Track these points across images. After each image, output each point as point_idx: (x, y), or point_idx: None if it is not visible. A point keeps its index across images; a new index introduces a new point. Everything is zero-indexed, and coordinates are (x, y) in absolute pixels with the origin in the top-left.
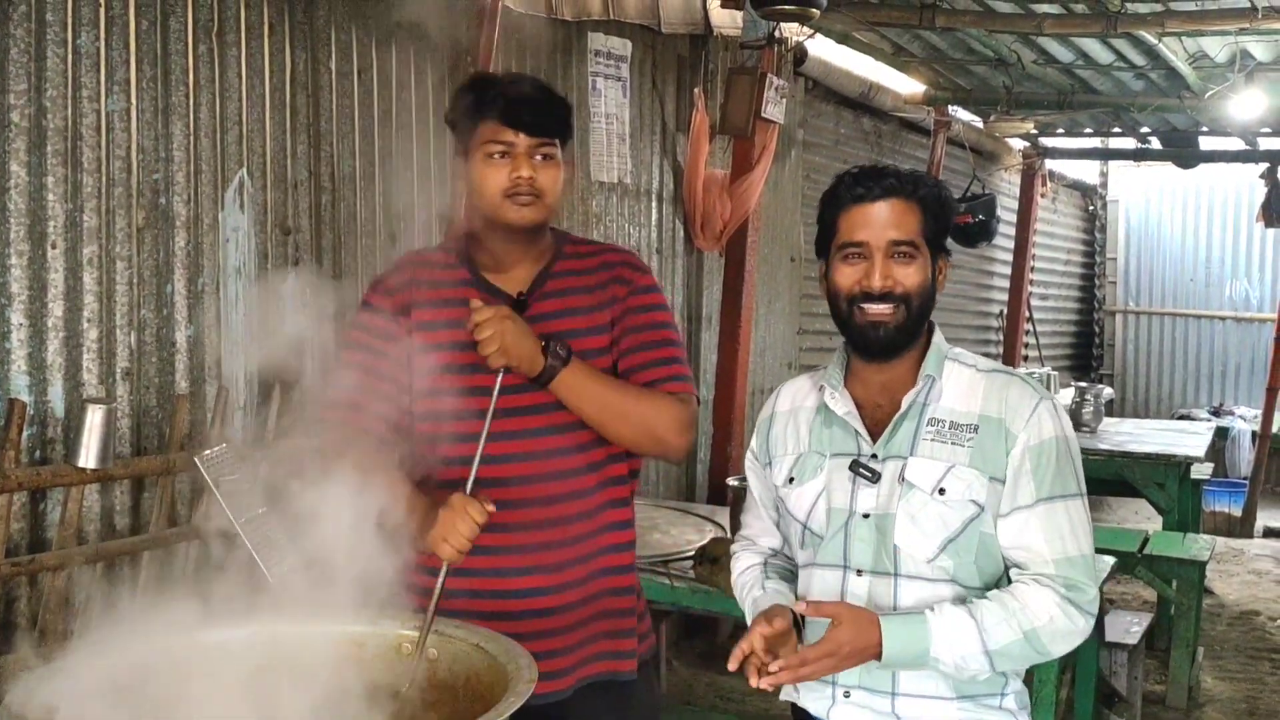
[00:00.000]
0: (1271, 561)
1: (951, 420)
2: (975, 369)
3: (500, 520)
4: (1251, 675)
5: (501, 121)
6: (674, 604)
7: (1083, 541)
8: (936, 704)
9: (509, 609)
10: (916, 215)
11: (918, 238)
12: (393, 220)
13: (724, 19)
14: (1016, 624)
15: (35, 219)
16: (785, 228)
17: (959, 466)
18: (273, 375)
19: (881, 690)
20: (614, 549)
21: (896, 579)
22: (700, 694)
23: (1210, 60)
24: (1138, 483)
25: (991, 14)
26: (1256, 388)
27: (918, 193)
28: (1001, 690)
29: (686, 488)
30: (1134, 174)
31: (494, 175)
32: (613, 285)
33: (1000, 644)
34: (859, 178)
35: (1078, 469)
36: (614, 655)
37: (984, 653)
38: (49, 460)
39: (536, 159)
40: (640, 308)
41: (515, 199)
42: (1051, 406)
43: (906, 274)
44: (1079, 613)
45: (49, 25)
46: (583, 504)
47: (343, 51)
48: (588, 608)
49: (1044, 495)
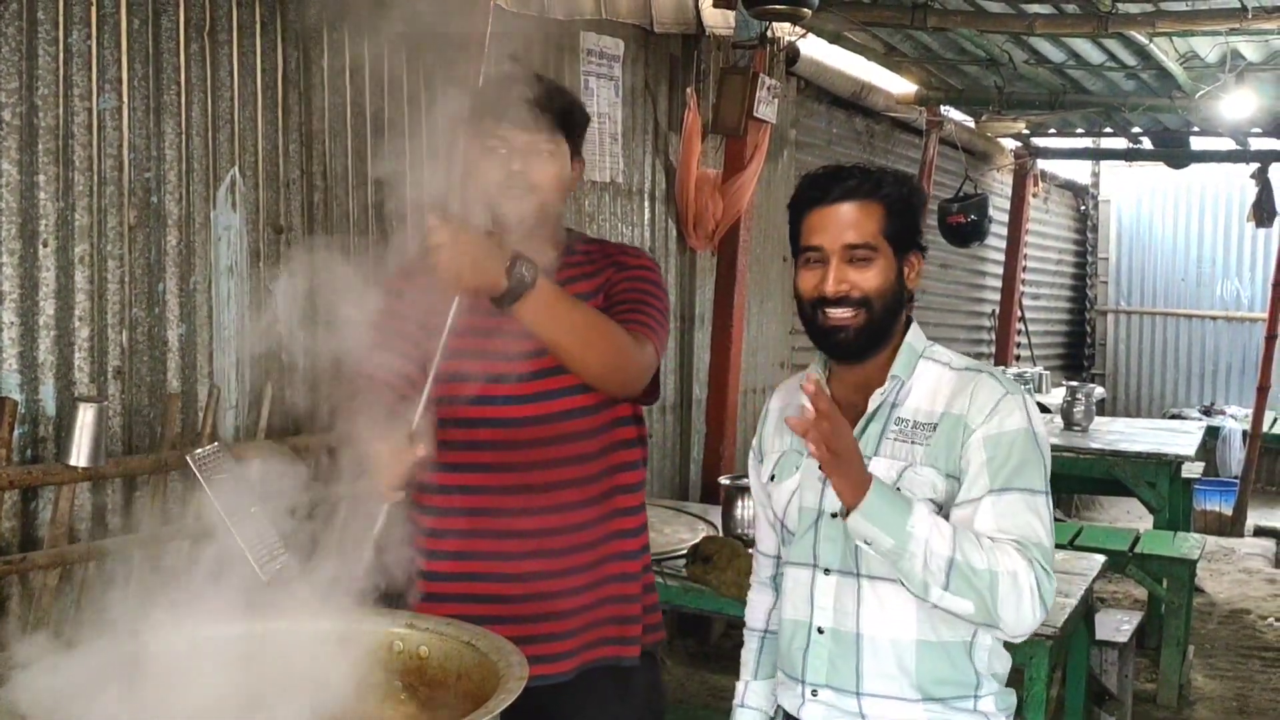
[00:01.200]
0: (1262, 560)
1: (915, 420)
2: (948, 367)
3: (504, 505)
4: (1242, 673)
5: (495, 118)
6: (667, 603)
7: (1043, 533)
8: (901, 705)
9: (510, 592)
10: (877, 216)
11: (876, 239)
12: (385, 219)
13: (716, 19)
14: (986, 558)
15: (27, 217)
16: (777, 227)
17: (915, 465)
18: (264, 374)
19: (847, 690)
20: (621, 534)
21: (860, 579)
22: (693, 692)
23: (1201, 60)
24: (1129, 482)
25: (983, 14)
26: (1247, 387)
27: (878, 192)
28: (974, 692)
29: (679, 486)
30: (1125, 174)
31: (489, 171)
32: (607, 270)
33: (966, 562)
34: (816, 180)
35: (1043, 468)
36: (618, 641)
37: (949, 559)
38: (40, 459)
39: (542, 152)
40: (625, 278)
41: (508, 192)
42: (1020, 402)
43: (864, 277)
44: (1039, 590)
45: (40, 23)
46: (589, 490)
47: (335, 50)
48: (593, 593)
49: (998, 486)
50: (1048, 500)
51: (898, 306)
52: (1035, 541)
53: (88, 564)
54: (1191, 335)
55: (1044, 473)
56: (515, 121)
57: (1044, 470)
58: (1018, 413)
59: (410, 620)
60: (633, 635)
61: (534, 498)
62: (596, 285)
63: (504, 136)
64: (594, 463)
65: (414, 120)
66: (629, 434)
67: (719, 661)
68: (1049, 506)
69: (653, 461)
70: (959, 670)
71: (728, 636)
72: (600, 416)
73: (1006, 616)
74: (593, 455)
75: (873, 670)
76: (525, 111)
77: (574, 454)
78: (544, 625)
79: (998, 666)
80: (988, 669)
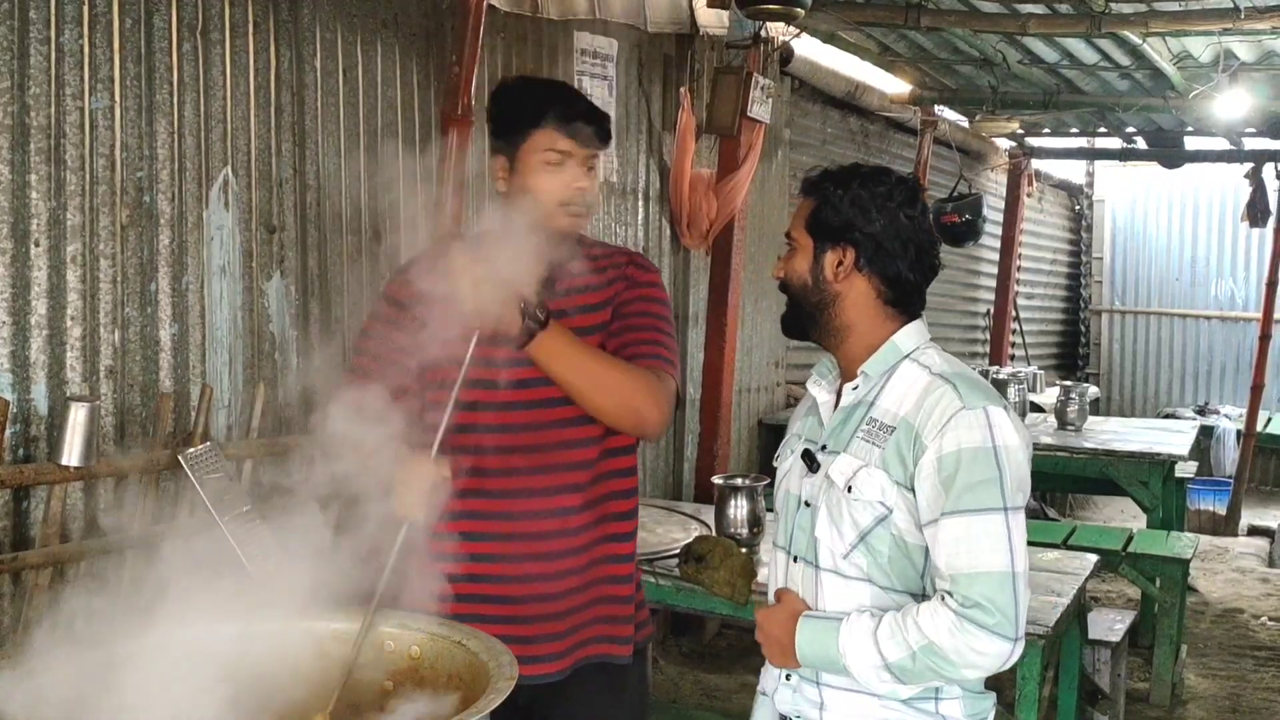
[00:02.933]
0: (1255, 560)
1: (881, 421)
2: (927, 371)
3: (500, 509)
4: (1234, 672)
5: (563, 131)
6: (660, 602)
7: (993, 558)
8: (858, 698)
9: (507, 593)
10: (807, 209)
11: (797, 230)
12: (377, 219)
13: (710, 18)
14: (904, 640)
15: (18, 217)
16: (772, 227)
17: (869, 466)
18: (256, 373)
19: (810, 678)
20: (615, 538)
21: (818, 571)
22: (687, 692)
23: (1194, 60)
24: (1122, 481)
25: (977, 14)
26: (1241, 387)
27: (817, 188)
28: (935, 694)
29: (673, 486)
30: (1119, 174)
31: (552, 182)
32: (618, 283)
33: (895, 659)
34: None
35: (1003, 482)
36: (610, 640)
37: (883, 666)
38: (32, 458)
39: (587, 169)
40: (637, 297)
41: (568, 207)
42: (980, 417)
43: (788, 265)
44: (983, 633)
45: (32, 23)
46: (584, 495)
47: (327, 50)
48: (586, 594)
49: (949, 509)
50: (1008, 516)
51: (812, 299)
52: (980, 573)
53: (80, 563)
54: (1186, 335)
55: (1003, 488)
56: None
57: (1003, 485)
58: (976, 429)
59: (402, 620)
60: (625, 635)
61: (532, 501)
62: (606, 297)
63: (568, 151)
64: (591, 468)
65: (406, 121)
66: (627, 440)
67: (712, 661)
68: (1010, 522)
69: (646, 461)
70: None
71: (721, 636)
72: (598, 424)
73: (971, 673)
74: (590, 462)
75: None
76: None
77: (572, 460)
78: (539, 626)
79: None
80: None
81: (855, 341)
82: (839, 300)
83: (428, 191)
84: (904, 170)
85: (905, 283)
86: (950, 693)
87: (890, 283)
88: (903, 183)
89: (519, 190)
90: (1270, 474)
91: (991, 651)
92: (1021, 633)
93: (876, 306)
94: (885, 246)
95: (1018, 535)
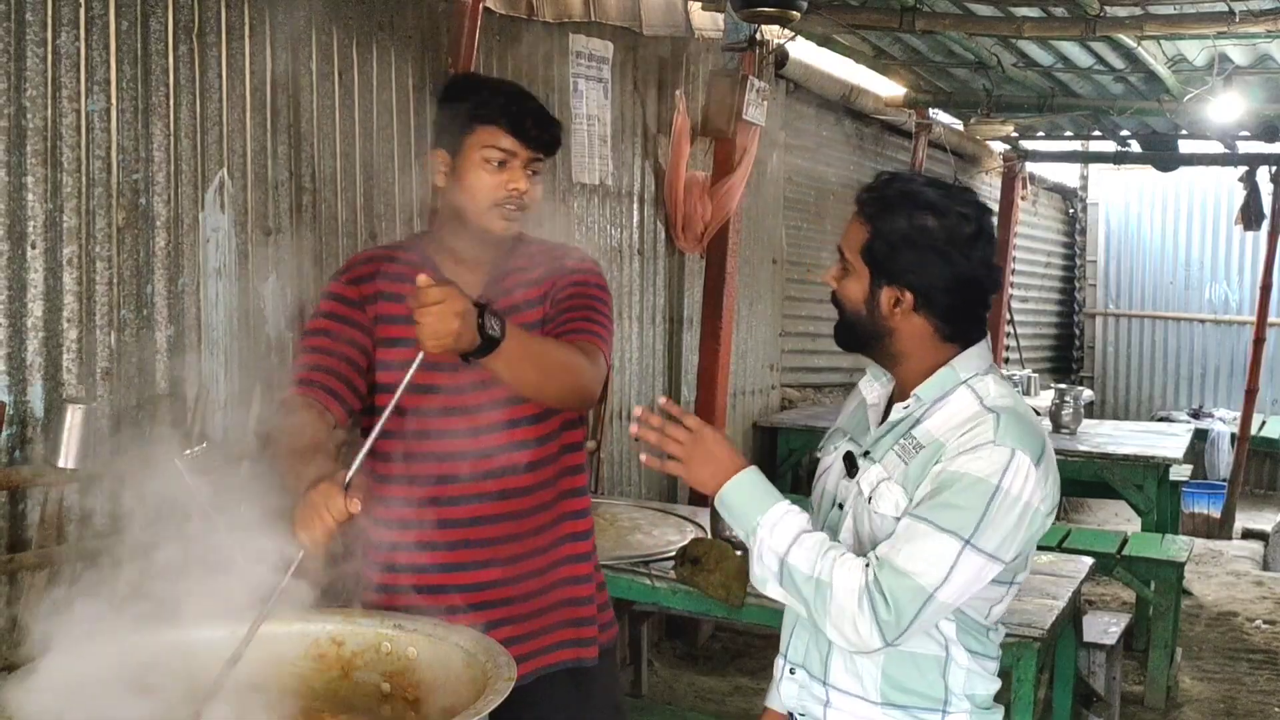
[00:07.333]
0: (1250, 563)
1: (918, 440)
2: (979, 401)
3: (456, 515)
4: (1229, 675)
5: (507, 130)
6: (655, 604)
7: (927, 572)
8: (862, 704)
9: (471, 601)
10: (861, 235)
11: (851, 254)
12: (373, 220)
13: (705, 21)
14: (814, 562)
15: (15, 219)
16: (767, 230)
17: (890, 481)
18: (252, 375)
19: (818, 676)
20: (572, 537)
21: None
22: (681, 694)
23: (1189, 63)
24: (1116, 484)
25: (971, 17)
26: (1235, 390)
27: (871, 216)
28: (942, 708)
29: (667, 488)
30: (1114, 177)
31: (489, 181)
32: (552, 276)
33: (794, 564)
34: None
35: (982, 519)
36: (576, 643)
37: (781, 559)
38: (28, 460)
39: (530, 173)
40: (570, 283)
41: (502, 209)
42: (1002, 455)
43: (842, 286)
44: (870, 619)
45: (28, 25)
46: (539, 497)
47: (323, 52)
48: (547, 597)
49: (918, 512)
50: (966, 550)
51: (874, 328)
52: (902, 569)
53: (76, 565)
54: (1180, 338)
55: (979, 524)
56: (526, 137)
57: (980, 522)
58: (990, 463)
59: (399, 621)
60: (589, 636)
61: (488, 505)
62: (542, 292)
63: (511, 150)
64: (546, 468)
65: (401, 123)
66: (576, 438)
67: (706, 663)
68: (963, 556)
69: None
70: (927, 683)
71: (715, 638)
72: (551, 423)
73: (831, 630)
74: (544, 461)
75: (839, 665)
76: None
77: (526, 461)
78: (503, 629)
79: (979, 688)
80: (963, 689)
81: (911, 367)
82: (895, 334)
83: (423, 194)
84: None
85: (965, 318)
86: (957, 707)
87: (949, 320)
88: (964, 219)
89: (455, 187)
90: (1265, 477)
91: (863, 636)
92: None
93: (934, 340)
94: (944, 290)
95: (962, 573)
